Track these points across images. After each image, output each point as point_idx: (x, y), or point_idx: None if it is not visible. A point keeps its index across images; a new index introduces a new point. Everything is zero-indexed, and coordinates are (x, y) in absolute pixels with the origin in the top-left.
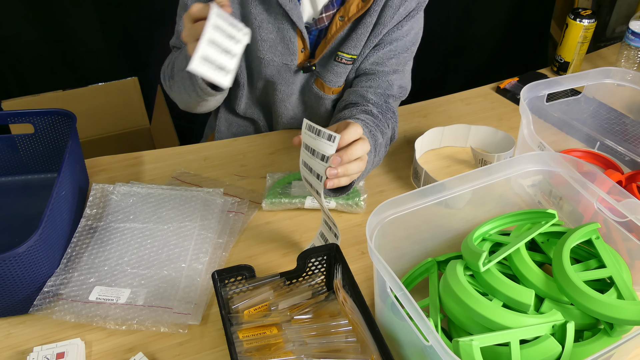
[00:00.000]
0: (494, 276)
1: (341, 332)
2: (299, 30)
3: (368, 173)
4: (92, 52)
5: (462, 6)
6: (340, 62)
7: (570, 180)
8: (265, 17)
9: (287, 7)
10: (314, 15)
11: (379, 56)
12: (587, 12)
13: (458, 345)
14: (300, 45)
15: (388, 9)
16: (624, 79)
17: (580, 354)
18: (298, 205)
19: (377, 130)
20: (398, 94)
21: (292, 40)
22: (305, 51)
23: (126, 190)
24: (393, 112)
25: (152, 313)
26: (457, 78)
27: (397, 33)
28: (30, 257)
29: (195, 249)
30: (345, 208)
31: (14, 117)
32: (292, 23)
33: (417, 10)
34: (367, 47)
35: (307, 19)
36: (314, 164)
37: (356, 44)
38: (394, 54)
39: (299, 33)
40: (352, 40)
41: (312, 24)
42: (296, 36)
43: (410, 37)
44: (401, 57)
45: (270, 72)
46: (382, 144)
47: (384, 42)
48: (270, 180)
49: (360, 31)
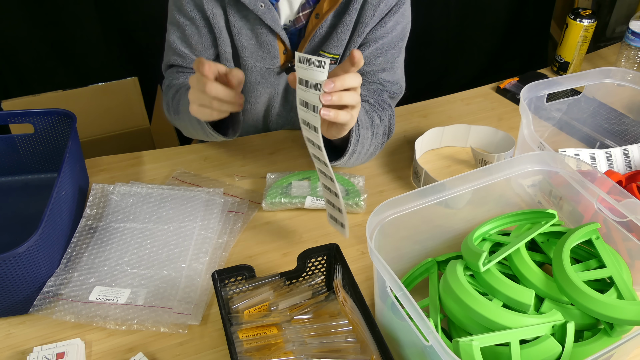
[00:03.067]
0: (494, 276)
1: (341, 332)
2: (278, 33)
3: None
4: (92, 52)
5: (462, 6)
6: None
7: (570, 180)
8: (243, 24)
9: (259, 12)
10: (292, 16)
11: (365, 56)
12: (587, 12)
13: (458, 346)
14: (281, 48)
15: (368, 7)
16: (624, 79)
17: (580, 354)
18: (298, 205)
19: (374, 112)
20: (391, 90)
21: (272, 43)
22: (287, 53)
23: (126, 190)
24: (389, 105)
25: (152, 313)
26: (457, 78)
27: (382, 30)
28: (30, 257)
29: (195, 249)
30: (345, 208)
31: (14, 117)
32: (269, 27)
33: (399, 5)
34: (351, 47)
35: (286, 20)
36: (309, 96)
37: (337, 43)
38: (380, 52)
39: (278, 36)
40: (334, 40)
41: (290, 24)
42: (275, 39)
43: (396, 32)
44: (389, 55)
45: (255, 77)
46: (380, 128)
47: (368, 41)
48: (270, 180)
49: (341, 30)
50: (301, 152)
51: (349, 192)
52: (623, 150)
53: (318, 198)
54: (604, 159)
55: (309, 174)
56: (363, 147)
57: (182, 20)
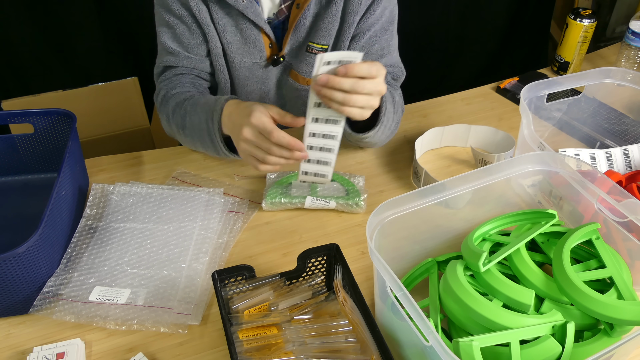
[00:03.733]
0: (494, 276)
1: (341, 332)
2: (261, 27)
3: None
4: (92, 52)
5: (462, 6)
6: (312, 52)
7: (570, 180)
8: (226, 20)
9: (240, 7)
10: (275, 9)
11: (361, 46)
12: (587, 12)
13: (458, 346)
14: (266, 42)
15: None
16: (624, 79)
17: (580, 354)
18: (298, 205)
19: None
20: (393, 73)
21: (257, 37)
22: (272, 46)
23: (126, 190)
24: (395, 87)
25: (152, 313)
26: (457, 78)
27: (372, 18)
28: (30, 257)
29: (195, 249)
30: (345, 208)
31: (14, 117)
32: (252, 21)
33: None
34: (344, 39)
35: (269, 13)
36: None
37: (325, 33)
38: (375, 40)
39: (262, 30)
40: (321, 31)
41: (273, 17)
42: (260, 33)
43: (385, 17)
44: (383, 40)
45: (244, 73)
46: (399, 104)
47: (361, 31)
48: (270, 180)
49: (328, 20)
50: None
51: (349, 192)
52: (623, 150)
53: (318, 198)
54: (604, 159)
55: None
56: (388, 121)
57: (172, 20)
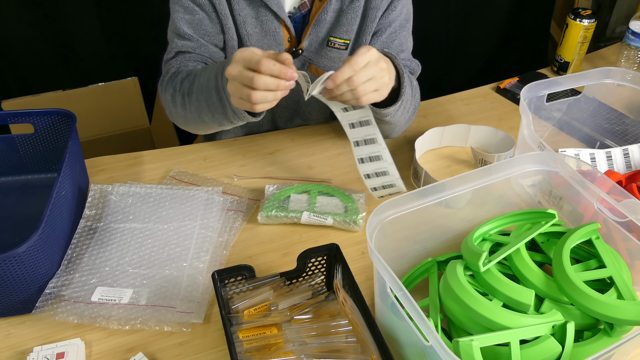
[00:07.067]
0: (494, 276)
1: (341, 332)
2: (282, 19)
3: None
4: (92, 52)
5: (462, 6)
6: (334, 47)
7: (570, 180)
8: (248, 11)
9: None
10: (297, 2)
11: (383, 41)
12: (587, 12)
13: (458, 346)
14: (286, 35)
15: None
16: (624, 79)
17: (580, 354)
18: (294, 220)
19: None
20: (411, 67)
21: (277, 30)
22: (291, 40)
23: (125, 191)
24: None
25: (155, 312)
26: (457, 78)
27: (393, 15)
28: (30, 257)
29: (196, 247)
30: (342, 226)
31: (14, 117)
32: (274, 13)
33: None
34: (366, 34)
35: (291, 7)
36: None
37: (347, 28)
38: (395, 36)
39: (283, 22)
40: (343, 25)
41: (295, 11)
42: (280, 26)
43: (403, 14)
44: (402, 37)
45: None
46: (417, 89)
47: (383, 26)
48: (268, 192)
49: (350, 15)
50: (301, 152)
51: (348, 209)
52: (623, 150)
53: (315, 214)
54: (604, 159)
55: (308, 188)
56: (407, 102)
57: (191, 6)
